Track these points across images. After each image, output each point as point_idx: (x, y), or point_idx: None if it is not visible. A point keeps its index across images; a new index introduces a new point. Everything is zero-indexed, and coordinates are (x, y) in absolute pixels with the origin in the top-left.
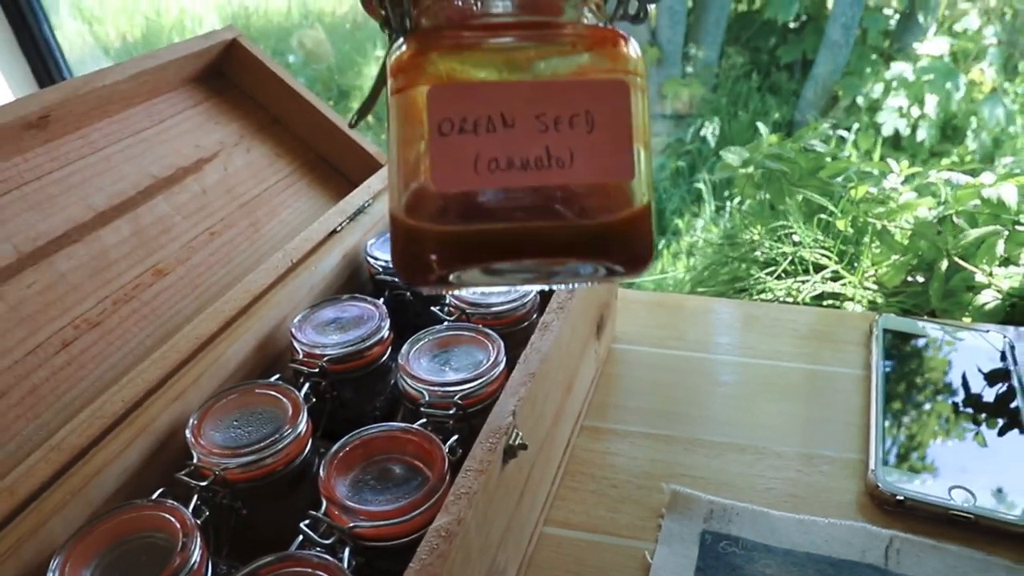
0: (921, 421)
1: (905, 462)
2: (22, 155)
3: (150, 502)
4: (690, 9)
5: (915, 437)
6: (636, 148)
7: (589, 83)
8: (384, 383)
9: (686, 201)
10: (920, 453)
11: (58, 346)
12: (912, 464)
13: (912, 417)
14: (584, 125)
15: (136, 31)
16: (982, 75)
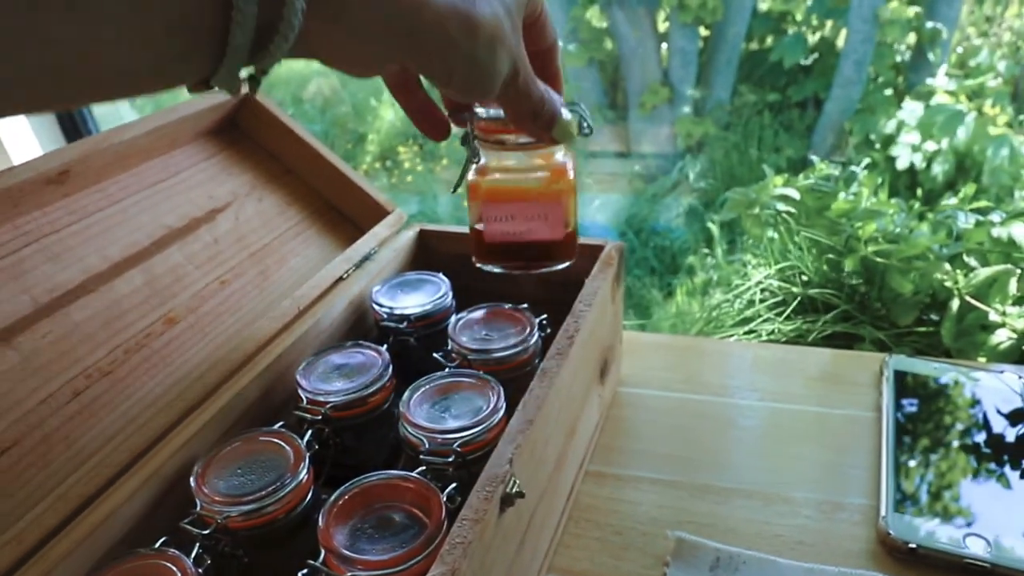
0: (934, 465)
1: (917, 508)
2: (42, 209)
3: (153, 551)
4: (701, 49)
5: (928, 482)
6: (565, 220)
7: (546, 201)
8: (386, 429)
9: (698, 239)
10: (933, 498)
11: (70, 395)
12: (925, 510)
13: (924, 461)
14: (544, 218)
15: None
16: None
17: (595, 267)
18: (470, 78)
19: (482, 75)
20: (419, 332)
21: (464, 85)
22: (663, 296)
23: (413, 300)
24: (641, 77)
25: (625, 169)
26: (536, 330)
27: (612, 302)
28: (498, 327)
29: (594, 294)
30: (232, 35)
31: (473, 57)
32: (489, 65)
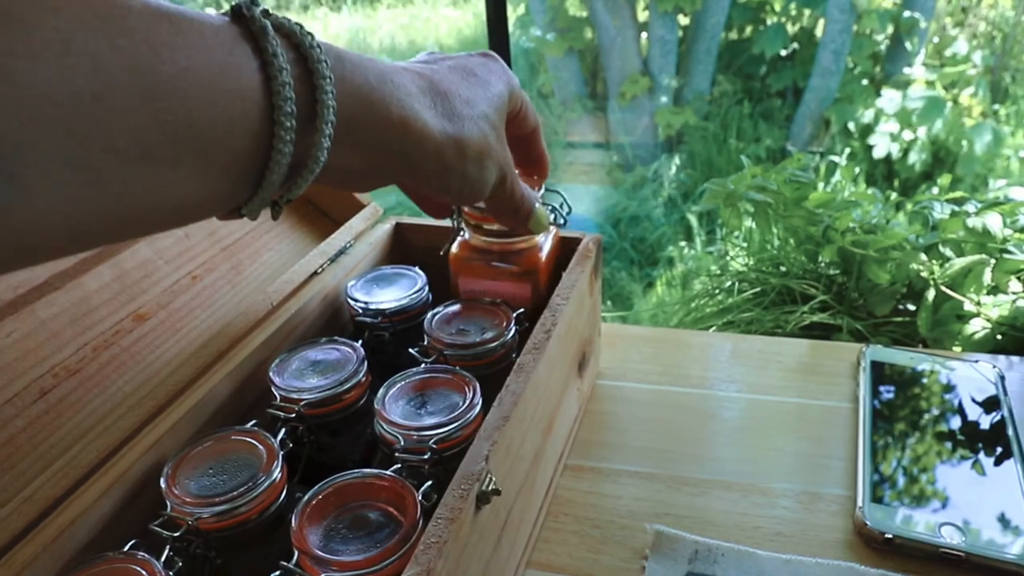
0: (910, 455)
1: (894, 498)
2: None
3: (122, 554)
4: (681, 39)
5: (904, 472)
6: (535, 293)
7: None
8: (362, 427)
9: (678, 230)
10: (909, 488)
11: (36, 395)
12: (901, 500)
13: (900, 451)
14: (513, 295)
15: None
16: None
17: (572, 260)
18: (463, 192)
19: (473, 188)
20: (395, 327)
21: (458, 198)
22: (643, 287)
23: (389, 295)
24: (621, 67)
25: (604, 160)
26: (513, 324)
27: (590, 295)
28: (475, 321)
29: (571, 287)
30: (269, 171)
31: (465, 174)
32: (479, 179)
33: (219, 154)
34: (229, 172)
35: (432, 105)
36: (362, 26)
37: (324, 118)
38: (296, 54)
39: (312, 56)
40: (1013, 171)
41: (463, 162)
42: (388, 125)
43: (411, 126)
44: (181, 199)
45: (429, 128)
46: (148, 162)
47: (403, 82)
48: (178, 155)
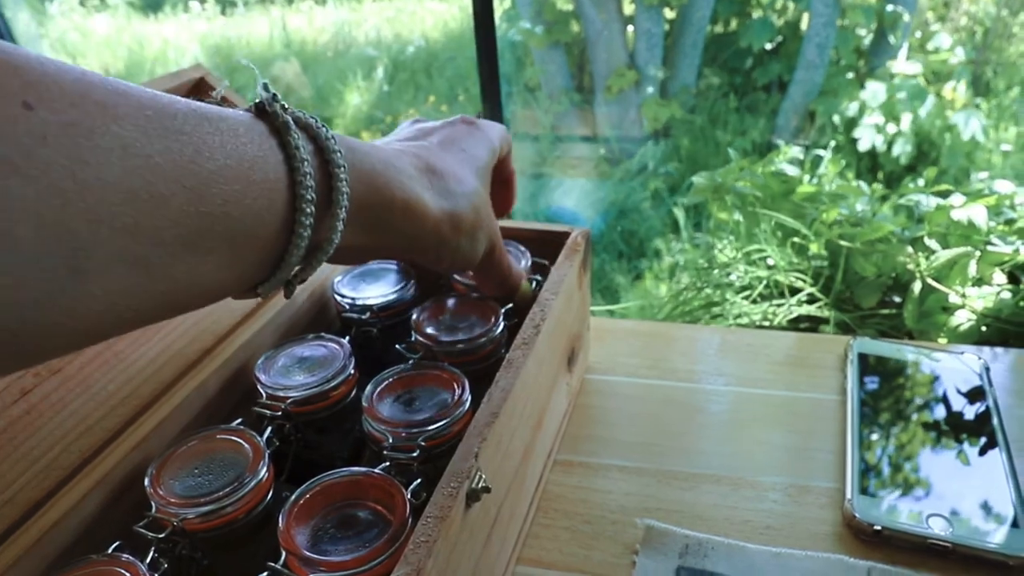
0: (897, 447)
1: (882, 490)
2: None
3: (106, 556)
4: (667, 31)
5: (891, 464)
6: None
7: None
8: (350, 424)
9: (664, 223)
10: (897, 480)
11: (17, 395)
12: (889, 492)
13: (888, 443)
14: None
15: (119, 64)
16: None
17: (561, 254)
18: (455, 262)
19: (465, 259)
20: (382, 323)
21: (450, 268)
22: (631, 280)
23: (375, 290)
24: (607, 60)
25: (591, 153)
26: (502, 320)
27: (579, 289)
28: (463, 317)
29: (560, 282)
30: (288, 255)
31: (459, 247)
32: (471, 251)
33: (248, 241)
34: (255, 257)
35: (430, 185)
36: (347, 19)
37: (339, 203)
38: (314, 146)
39: (328, 147)
40: (995, 164)
41: (457, 236)
42: (393, 207)
43: (413, 207)
44: (212, 283)
45: (428, 207)
46: (188, 252)
47: (404, 166)
48: (213, 245)
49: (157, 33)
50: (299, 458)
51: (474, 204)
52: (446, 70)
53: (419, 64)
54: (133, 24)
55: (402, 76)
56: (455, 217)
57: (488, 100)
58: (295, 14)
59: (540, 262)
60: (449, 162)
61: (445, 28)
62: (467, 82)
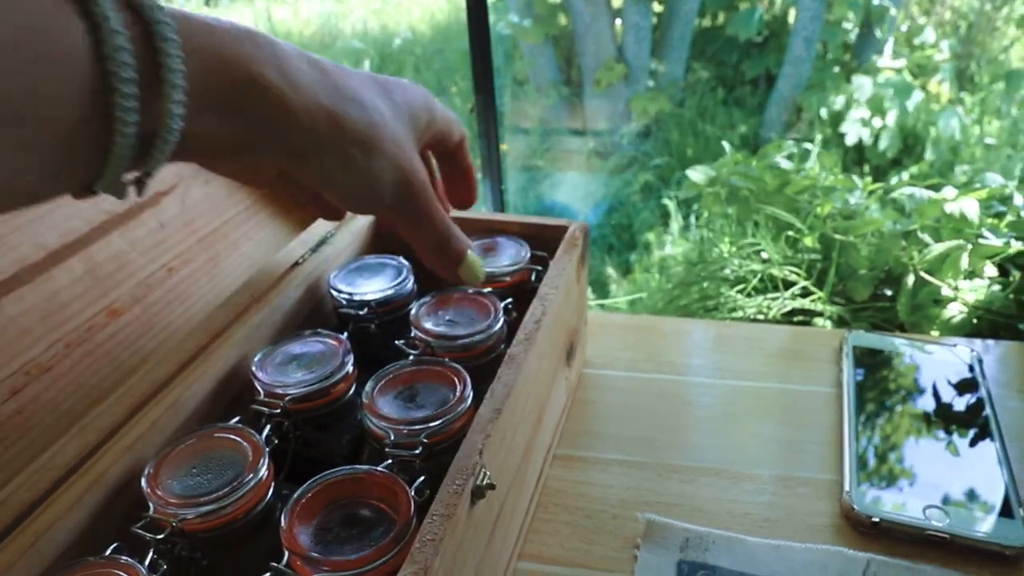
0: (894, 439)
1: (879, 482)
2: None
3: (104, 559)
4: (655, 25)
5: (888, 455)
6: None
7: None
8: (349, 421)
9: (655, 215)
10: (894, 472)
11: (7, 394)
12: (886, 484)
13: (884, 435)
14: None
15: None
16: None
17: (560, 248)
18: (348, 184)
19: (361, 183)
20: (380, 318)
21: (345, 193)
22: (621, 273)
23: (373, 285)
24: (596, 53)
25: (581, 147)
26: (501, 315)
27: (577, 283)
28: (462, 312)
29: (560, 276)
30: (113, 143)
31: (348, 160)
32: (367, 172)
33: (46, 125)
34: (62, 144)
35: (310, 76)
36: (333, 11)
37: (171, 82)
38: (133, 15)
39: (152, 17)
40: (978, 157)
41: (342, 142)
42: (247, 85)
43: (273, 87)
44: (11, 173)
45: (297, 92)
46: None
47: (270, 42)
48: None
49: None
50: (298, 456)
51: (372, 119)
52: (434, 63)
53: (406, 57)
54: None
55: (389, 69)
56: (337, 118)
57: (481, 93)
58: (280, 6)
59: (539, 255)
60: (354, 77)
61: (432, 20)
62: (455, 75)
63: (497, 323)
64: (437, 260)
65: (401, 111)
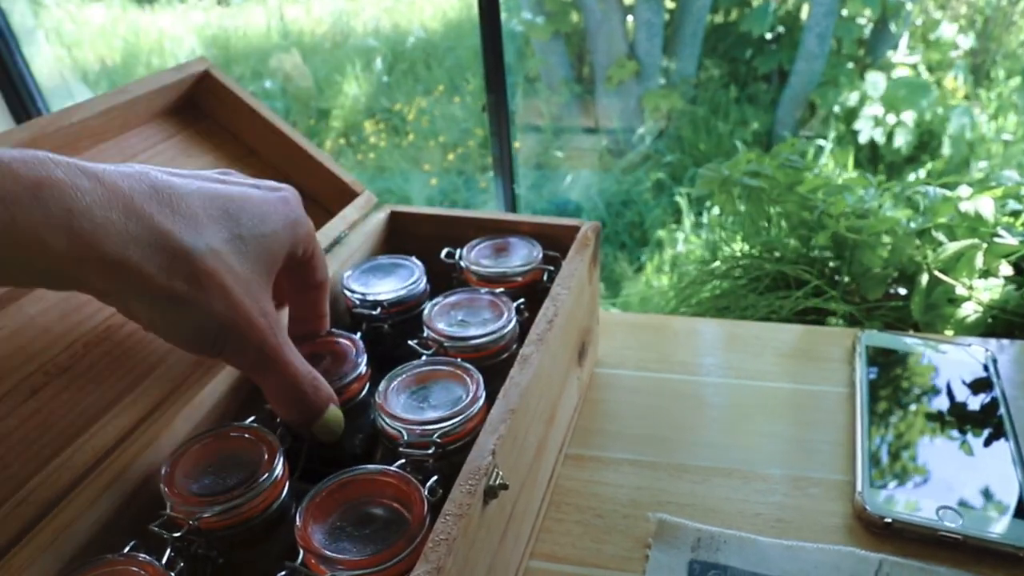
0: (907, 439)
1: (892, 482)
2: None
3: (122, 556)
4: (667, 22)
5: (901, 456)
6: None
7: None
8: (363, 420)
9: (667, 213)
10: (907, 472)
11: (27, 393)
12: (899, 484)
13: (898, 435)
14: None
15: (115, 55)
16: (955, 83)
17: (572, 248)
18: (166, 329)
19: (175, 329)
20: (393, 318)
21: (163, 334)
22: (633, 271)
23: (386, 285)
24: (608, 50)
25: (594, 144)
26: (514, 315)
27: (589, 283)
28: (475, 312)
29: (571, 276)
30: None
31: (153, 306)
32: (178, 320)
33: None
34: None
35: (116, 223)
36: (345, 9)
37: None
38: None
39: None
40: (995, 153)
41: (144, 290)
42: (33, 245)
43: (53, 249)
44: None
45: (91, 248)
46: None
47: (64, 200)
48: None
49: (153, 24)
50: (312, 455)
51: (193, 266)
52: (446, 60)
53: (418, 55)
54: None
55: (401, 67)
56: (139, 269)
57: (493, 91)
58: (292, 4)
59: (551, 254)
60: (185, 217)
61: (444, 18)
62: (467, 73)
63: (509, 323)
64: (287, 413)
65: (247, 246)
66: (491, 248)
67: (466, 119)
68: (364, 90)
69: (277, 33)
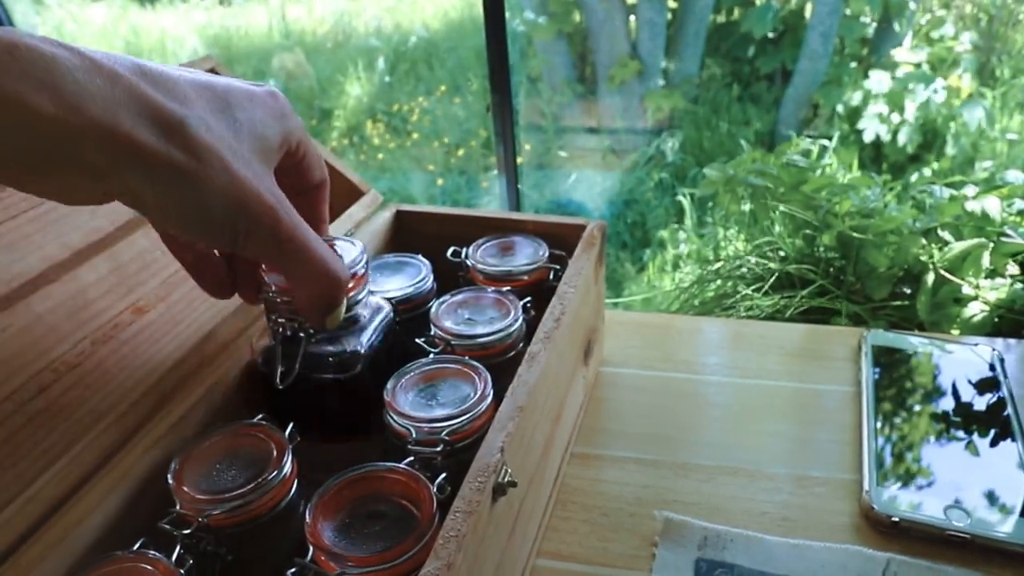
0: (913, 438)
1: (899, 481)
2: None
3: (132, 553)
4: (669, 21)
5: (908, 455)
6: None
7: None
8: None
9: (669, 212)
10: (913, 471)
11: (35, 391)
12: (906, 483)
13: (904, 434)
14: None
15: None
16: (959, 81)
17: (578, 247)
18: (165, 210)
19: (178, 206)
20: (400, 317)
21: (162, 218)
22: (636, 271)
23: (393, 284)
24: (610, 50)
25: (596, 144)
26: (520, 313)
27: (595, 282)
28: (481, 310)
29: (578, 275)
30: None
31: (154, 181)
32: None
33: None
34: None
35: (102, 88)
36: (347, 9)
37: None
38: None
39: None
40: (1000, 152)
41: (141, 162)
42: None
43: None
44: None
45: (79, 113)
46: None
47: (44, 60)
48: None
49: (155, 23)
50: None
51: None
52: (448, 60)
53: (420, 54)
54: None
55: (403, 67)
56: (131, 138)
57: (498, 91)
58: (294, 4)
59: (557, 253)
60: (178, 94)
61: (446, 17)
62: (469, 73)
63: (516, 322)
64: (316, 295)
65: (242, 129)
66: (497, 247)
67: (468, 119)
68: (366, 90)
69: (279, 33)
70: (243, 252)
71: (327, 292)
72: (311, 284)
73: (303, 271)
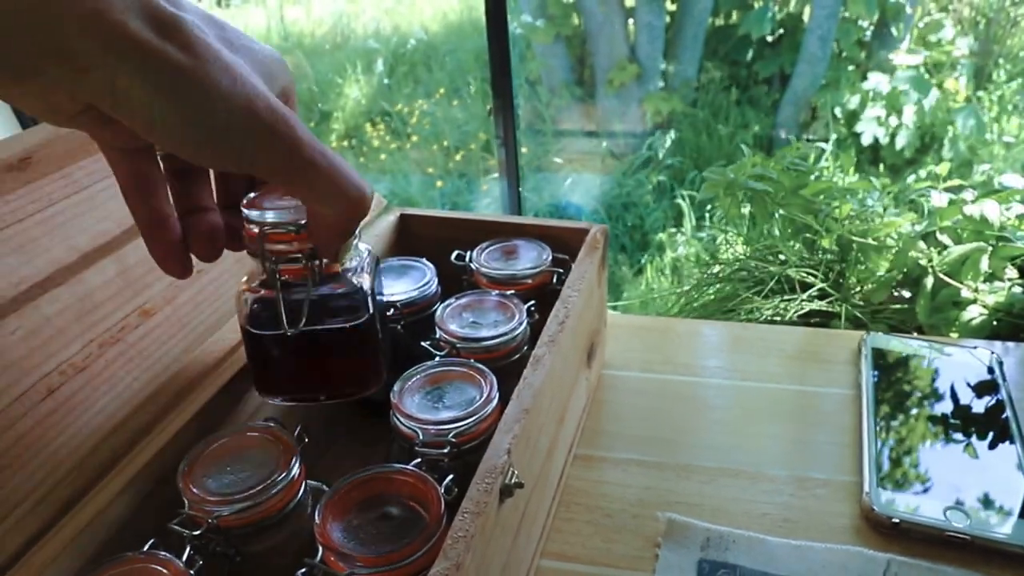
0: (913, 440)
1: (899, 483)
2: (3, 197)
3: (142, 554)
4: (668, 24)
5: (908, 457)
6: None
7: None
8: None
9: (668, 215)
10: (913, 473)
11: (43, 393)
12: (906, 485)
13: (904, 436)
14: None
15: None
16: (956, 84)
17: (581, 251)
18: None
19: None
20: (405, 320)
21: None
22: (633, 274)
23: (398, 287)
24: (608, 53)
25: (595, 148)
26: (524, 317)
27: (598, 286)
28: (485, 314)
29: (581, 278)
30: None
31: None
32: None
33: None
34: None
35: None
36: (346, 11)
37: None
38: None
39: None
40: (997, 155)
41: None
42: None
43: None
44: None
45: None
46: None
47: None
48: None
49: None
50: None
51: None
52: (447, 63)
53: (419, 57)
54: None
55: (402, 69)
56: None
57: (499, 95)
58: (292, 6)
59: (560, 257)
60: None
61: (444, 20)
62: (468, 75)
63: (520, 325)
64: (341, 208)
65: (239, 53)
66: (500, 251)
67: (467, 122)
68: (365, 92)
69: (277, 34)
70: (250, 167)
71: (352, 209)
72: (335, 200)
73: (326, 186)
